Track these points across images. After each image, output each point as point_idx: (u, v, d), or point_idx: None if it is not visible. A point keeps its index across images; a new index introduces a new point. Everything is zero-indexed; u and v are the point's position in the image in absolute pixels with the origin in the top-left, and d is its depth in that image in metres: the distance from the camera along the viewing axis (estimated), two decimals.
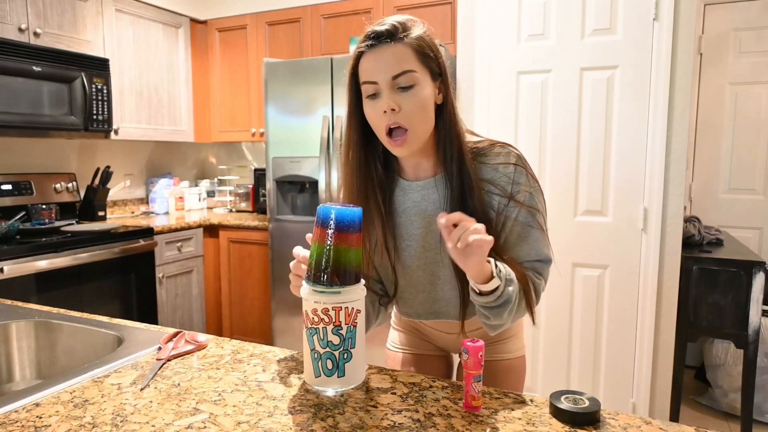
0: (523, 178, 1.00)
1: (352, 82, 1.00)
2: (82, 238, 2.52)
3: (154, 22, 3.26)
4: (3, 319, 1.25)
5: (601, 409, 0.78)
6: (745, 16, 3.08)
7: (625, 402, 2.37)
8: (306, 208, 3.02)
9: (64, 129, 2.69)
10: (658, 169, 2.21)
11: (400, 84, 0.93)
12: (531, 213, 1.00)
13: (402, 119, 0.94)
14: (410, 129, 0.94)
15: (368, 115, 0.97)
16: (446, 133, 0.99)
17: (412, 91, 0.94)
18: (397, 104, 0.93)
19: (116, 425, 0.76)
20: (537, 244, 1.01)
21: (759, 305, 2.17)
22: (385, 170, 1.06)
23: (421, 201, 1.04)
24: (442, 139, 0.99)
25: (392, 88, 0.93)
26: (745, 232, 3.14)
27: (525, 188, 1.00)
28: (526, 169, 1.01)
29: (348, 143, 1.03)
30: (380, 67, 0.93)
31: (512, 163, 1.00)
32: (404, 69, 0.93)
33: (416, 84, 0.94)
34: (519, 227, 1.00)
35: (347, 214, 0.85)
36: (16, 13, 2.52)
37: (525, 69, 2.42)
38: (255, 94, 3.46)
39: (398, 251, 1.07)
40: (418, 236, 1.05)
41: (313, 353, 0.86)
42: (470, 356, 0.79)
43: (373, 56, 0.94)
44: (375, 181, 1.04)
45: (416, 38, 0.95)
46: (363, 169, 1.03)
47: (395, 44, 0.93)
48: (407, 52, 0.93)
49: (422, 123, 0.96)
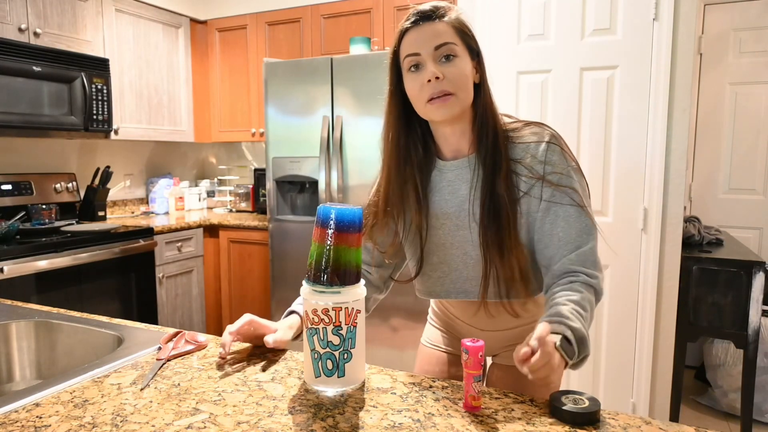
0: (556, 157, 1.00)
1: (394, 62, 1.03)
2: (82, 238, 2.52)
3: (154, 22, 3.26)
4: (3, 319, 1.25)
5: (601, 410, 0.78)
6: (745, 16, 3.08)
7: (625, 402, 2.37)
8: (306, 208, 3.02)
9: (64, 129, 2.69)
10: (658, 169, 2.21)
11: (442, 54, 0.97)
12: (566, 192, 0.99)
13: (446, 85, 0.97)
14: (455, 93, 0.97)
15: (410, 88, 1.00)
16: (483, 111, 1.02)
17: (454, 61, 0.98)
18: (441, 72, 0.96)
19: (116, 425, 0.76)
20: (576, 222, 0.98)
21: (759, 305, 2.17)
22: (424, 152, 1.08)
23: (455, 180, 1.06)
24: (478, 117, 1.02)
25: (435, 59, 0.97)
26: (745, 232, 3.14)
27: (559, 168, 1.00)
28: (562, 147, 1.01)
29: (387, 125, 1.07)
30: (423, 39, 0.98)
31: (545, 141, 1.00)
32: (446, 41, 0.97)
33: (457, 56, 0.98)
34: (555, 207, 0.99)
35: (347, 214, 0.85)
36: (16, 13, 2.52)
37: (525, 69, 2.42)
38: (255, 94, 3.46)
39: (432, 230, 1.09)
40: (451, 215, 1.07)
41: (313, 353, 0.86)
42: (470, 356, 0.79)
43: (416, 32, 0.99)
44: (415, 163, 1.06)
45: (455, 18, 1.00)
46: (403, 151, 1.06)
47: (438, 21, 0.98)
48: (448, 29, 0.98)
49: (464, 90, 0.99)
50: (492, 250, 1.01)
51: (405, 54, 1.00)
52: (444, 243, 1.08)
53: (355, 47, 2.87)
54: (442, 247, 1.09)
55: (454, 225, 1.07)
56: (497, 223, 1.00)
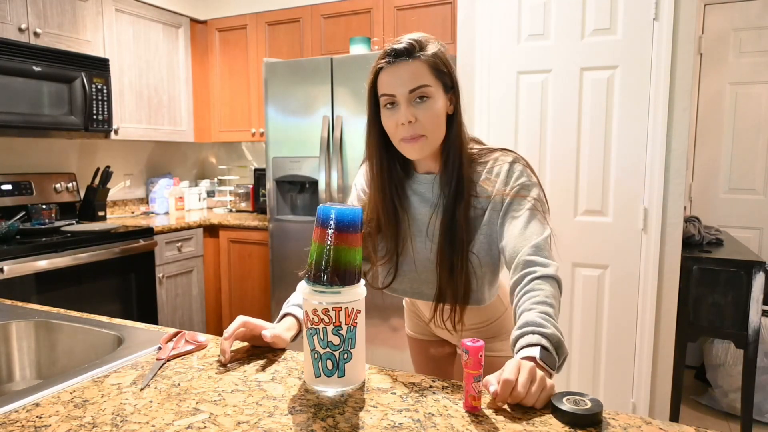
0: (517, 173, 1.07)
1: (372, 94, 1.08)
2: (82, 238, 2.52)
3: (154, 22, 3.26)
4: (3, 319, 1.25)
5: (603, 411, 0.78)
6: (745, 16, 3.08)
7: (625, 402, 2.36)
8: (306, 208, 3.02)
9: (64, 129, 2.69)
10: (658, 169, 2.21)
11: (416, 96, 1.02)
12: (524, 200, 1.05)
13: (418, 128, 1.03)
14: (428, 136, 1.04)
15: (386, 125, 1.06)
16: (453, 139, 1.08)
17: (427, 103, 1.02)
18: (414, 116, 1.02)
19: (116, 425, 0.76)
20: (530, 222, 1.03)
21: (759, 305, 2.17)
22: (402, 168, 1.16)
23: (424, 193, 1.15)
24: (448, 144, 1.08)
25: (409, 101, 1.02)
26: (745, 232, 3.14)
27: (520, 181, 1.06)
28: (523, 164, 1.08)
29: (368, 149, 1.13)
30: (398, 82, 1.02)
31: (508, 161, 1.09)
32: (420, 84, 1.01)
33: (431, 97, 1.03)
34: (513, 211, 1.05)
35: (347, 214, 0.85)
36: (16, 13, 2.52)
37: (525, 69, 2.42)
38: (255, 94, 3.46)
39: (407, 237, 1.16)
40: (417, 222, 1.15)
41: (313, 353, 0.86)
42: (470, 356, 0.79)
43: (392, 72, 1.03)
44: (395, 180, 1.14)
45: (431, 55, 1.03)
46: (385, 172, 1.13)
47: (412, 61, 1.02)
48: (423, 69, 1.02)
49: (436, 131, 1.05)
50: (444, 268, 1.09)
51: (381, 92, 1.05)
52: (412, 247, 1.15)
53: (355, 47, 2.87)
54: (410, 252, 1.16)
55: (417, 230, 1.15)
56: (452, 247, 1.07)
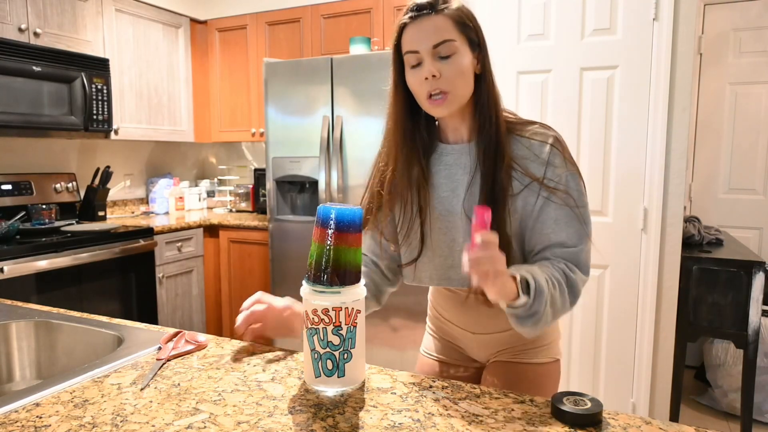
0: (558, 160, 1.00)
1: (396, 54, 1.04)
2: (82, 238, 2.52)
3: (153, 22, 3.26)
4: (3, 319, 1.25)
5: (603, 411, 0.78)
6: (745, 16, 3.08)
7: (625, 402, 2.36)
8: (306, 208, 3.02)
9: (64, 129, 2.69)
10: (658, 169, 2.21)
11: (440, 53, 0.97)
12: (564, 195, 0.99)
13: (442, 84, 0.98)
14: (450, 91, 0.99)
15: (411, 83, 1.02)
16: (484, 100, 1.02)
17: (452, 59, 0.98)
18: (438, 71, 0.97)
19: (116, 425, 0.76)
20: (568, 225, 0.99)
21: (759, 305, 2.17)
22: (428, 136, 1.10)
23: (453, 165, 1.07)
24: (479, 106, 1.03)
25: (433, 56, 0.98)
26: (745, 232, 3.14)
27: (560, 170, 1.00)
28: (563, 152, 1.01)
29: (393, 115, 1.07)
30: (421, 37, 0.97)
31: (548, 143, 1.01)
32: (444, 38, 0.97)
33: (456, 53, 0.98)
34: (549, 208, 0.99)
35: (347, 214, 0.85)
36: (16, 13, 2.52)
37: (525, 69, 2.42)
38: (255, 94, 3.46)
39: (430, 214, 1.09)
40: (444, 200, 1.07)
41: (313, 353, 0.86)
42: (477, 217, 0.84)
43: (415, 27, 0.98)
44: (420, 149, 1.08)
45: (455, 9, 0.99)
46: (409, 139, 1.07)
47: (435, 15, 0.97)
48: (447, 23, 0.98)
49: (461, 87, 1.00)
50: None
51: (405, 50, 1.01)
52: (434, 227, 1.08)
53: (355, 47, 2.87)
54: (432, 231, 1.09)
55: (445, 210, 1.07)
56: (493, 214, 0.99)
